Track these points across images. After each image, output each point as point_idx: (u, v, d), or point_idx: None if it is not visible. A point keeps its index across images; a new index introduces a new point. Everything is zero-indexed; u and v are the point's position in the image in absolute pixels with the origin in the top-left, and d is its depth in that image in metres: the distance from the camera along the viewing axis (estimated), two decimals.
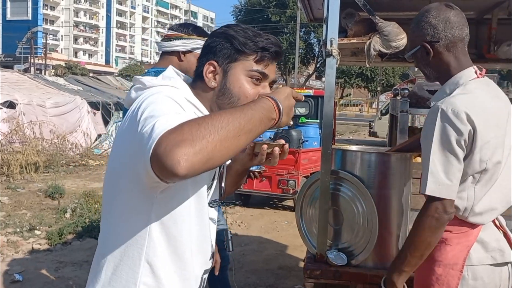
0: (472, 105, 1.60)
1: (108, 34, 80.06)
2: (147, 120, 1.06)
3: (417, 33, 1.75)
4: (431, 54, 1.71)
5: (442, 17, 1.69)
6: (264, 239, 6.04)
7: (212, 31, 1.36)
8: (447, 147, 1.60)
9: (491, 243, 1.71)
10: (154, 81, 1.25)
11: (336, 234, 2.38)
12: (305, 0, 3.08)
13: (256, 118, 1.08)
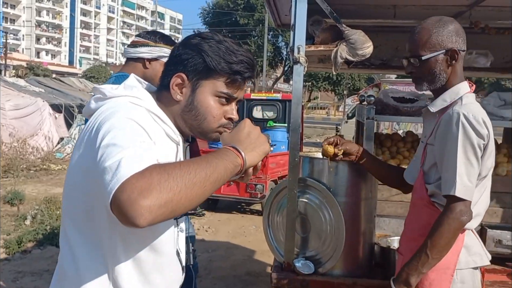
0: (484, 113, 1.72)
1: (72, 34, 78.17)
2: (109, 149, 0.99)
3: (443, 38, 1.78)
4: (456, 60, 1.79)
5: (462, 30, 1.83)
6: (232, 245, 6.00)
7: (185, 38, 1.29)
8: (470, 150, 1.68)
9: (474, 247, 1.80)
10: (115, 91, 1.20)
11: (304, 242, 2.37)
12: (273, 6, 3.07)
13: (221, 167, 1.06)
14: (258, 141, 1.21)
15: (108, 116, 1.09)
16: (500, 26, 3.20)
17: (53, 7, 75.80)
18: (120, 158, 0.96)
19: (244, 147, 1.16)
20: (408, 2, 2.86)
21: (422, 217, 1.87)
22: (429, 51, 1.80)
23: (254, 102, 9.68)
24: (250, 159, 1.16)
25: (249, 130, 1.21)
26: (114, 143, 1.00)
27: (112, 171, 0.94)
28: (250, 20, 36.48)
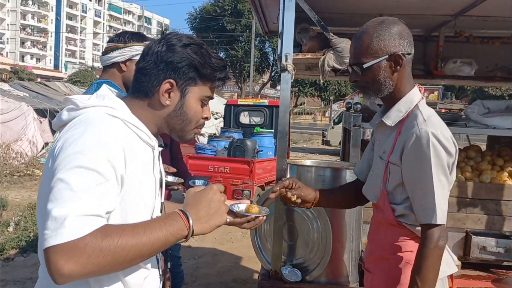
0: (446, 127, 1.62)
1: (57, 38, 77.42)
2: (61, 185, 1.03)
3: (386, 43, 1.64)
4: (400, 66, 1.65)
5: (408, 31, 1.67)
6: (218, 251, 5.97)
7: (165, 41, 1.26)
8: (441, 172, 1.58)
9: (446, 258, 1.73)
10: (88, 102, 1.20)
11: (291, 249, 2.37)
12: (260, 14, 3.08)
13: (161, 241, 1.12)
14: (216, 213, 1.24)
15: (77, 134, 1.10)
16: (484, 36, 3.26)
17: (39, 10, 75.05)
18: (66, 214, 1.00)
19: (198, 217, 1.20)
20: (394, 11, 2.88)
21: (389, 236, 1.76)
22: (371, 57, 1.65)
23: (241, 107, 9.69)
24: (199, 230, 1.20)
25: (212, 198, 1.24)
26: (68, 182, 1.03)
27: (55, 223, 1.00)
28: (237, 25, 36.55)
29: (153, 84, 1.24)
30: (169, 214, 1.19)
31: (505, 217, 2.86)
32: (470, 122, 2.94)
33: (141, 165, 1.19)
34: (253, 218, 1.37)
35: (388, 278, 1.76)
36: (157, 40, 1.28)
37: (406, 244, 1.73)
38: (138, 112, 1.24)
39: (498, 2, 2.39)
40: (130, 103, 1.25)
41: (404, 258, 1.72)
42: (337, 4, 2.75)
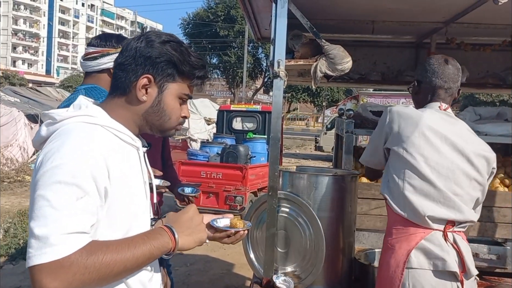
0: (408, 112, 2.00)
1: (49, 43, 77.09)
2: (41, 203, 1.02)
3: (417, 71, 2.16)
4: (416, 90, 2.12)
5: (434, 67, 2.04)
6: (210, 258, 5.93)
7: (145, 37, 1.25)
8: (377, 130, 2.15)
9: (434, 250, 1.83)
10: (65, 114, 1.19)
11: (283, 257, 2.35)
12: (253, 20, 3.07)
13: (146, 255, 1.12)
14: (197, 228, 1.26)
15: (55, 147, 1.09)
16: (475, 43, 3.27)
17: (31, 15, 74.72)
18: (49, 233, 0.99)
19: (181, 230, 1.21)
20: (386, 18, 2.90)
21: (387, 219, 2.05)
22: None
23: (233, 113, 9.68)
24: (184, 243, 1.21)
25: (193, 215, 1.27)
26: (48, 198, 1.02)
27: (38, 242, 1.00)
28: (230, 31, 36.61)
29: (131, 79, 1.23)
30: (153, 229, 1.21)
31: (497, 224, 2.86)
32: None
33: (128, 167, 1.19)
34: (233, 233, 1.38)
35: (380, 261, 2.04)
36: (136, 37, 1.27)
37: (392, 228, 1.94)
38: (116, 112, 1.24)
39: (489, 10, 2.40)
40: (108, 105, 1.25)
41: (388, 242, 1.94)
42: (329, 11, 2.75)
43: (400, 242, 1.86)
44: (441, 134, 1.90)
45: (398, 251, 1.85)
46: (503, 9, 2.29)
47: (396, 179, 1.90)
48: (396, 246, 1.87)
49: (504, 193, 2.88)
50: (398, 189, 1.88)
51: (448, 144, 1.89)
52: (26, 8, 73.78)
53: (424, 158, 1.86)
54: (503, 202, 2.85)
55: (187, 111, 1.34)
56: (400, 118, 1.94)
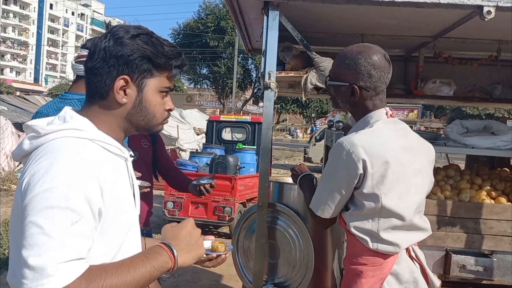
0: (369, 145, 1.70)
1: (38, 51, 76.65)
2: (34, 230, 0.96)
3: (351, 71, 1.77)
4: (356, 97, 1.77)
5: (379, 67, 1.75)
6: (199, 269, 5.88)
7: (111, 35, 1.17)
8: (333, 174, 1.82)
9: (405, 275, 1.77)
10: (50, 127, 1.11)
11: (272, 268, 2.35)
12: (244, 31, 3.10)
13: (146, 277, 1.09)
14: (196, 244, 1.23)
15: (44, 168, 1.02)
16: (462, 57, 3.34)
17: (20, 23, 74.33)
18: (45, 263, 0.94)
19: (180, 248, 1.18)
20: (375, 32, 2.94)
21: (349, 245, 1.87)
22: (334, 76, 1.88)
23: (223, 124, 9.68)
24: (183, 261, 1.18)
25: (191, 230, 1.24)
26: (40, 225, 0.96)
27: (34, 273, 0.94)
28: (221, 42, 36.76)
29: (106, 83, 1.15)
30: (151, 248, 1.16)
31: (484, 236, 2.89)
32: (449, 141, 2.99)
33: (118, 180, 1.14)
34: (214, 257, 1.34)
35: (343, 286, 1.86)
36: (102, 36, 1.19)
37: (360, 257, 1.78)
38: (100, 119, 1.17)
39: (475, 26, 2.46)
40: (90, 114, 1.18)
41: (356, 270, 1.79)
42: (320, 24, 2.79)
43: (373, 270, 1.76)
44: (404, 160, 1.75)
45: (371, 279, 1.75)
46: (489, 25, 2.35)
47: (369, 220, 1.74)
48: (369, 274, 1.75)
49: (490, 205, 2.91)
50: (370, 229, 1.74)
51: (412, 167, 1.77)
52: (15, 16, 73.40)
53: (397, 195, 1.72)
54: (489, 214, 2.89)
55: (171, 103, 1.26)
56: (368, 155, 1.68)
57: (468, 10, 2.24)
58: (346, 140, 1.73)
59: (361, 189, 1.70)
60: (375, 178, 1.68)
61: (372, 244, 1.74)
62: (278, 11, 2.30)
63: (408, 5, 2.20)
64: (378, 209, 1.70)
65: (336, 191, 1.75)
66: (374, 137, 1.72)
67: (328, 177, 1.79)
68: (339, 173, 1.73)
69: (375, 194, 1.69)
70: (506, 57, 3.16)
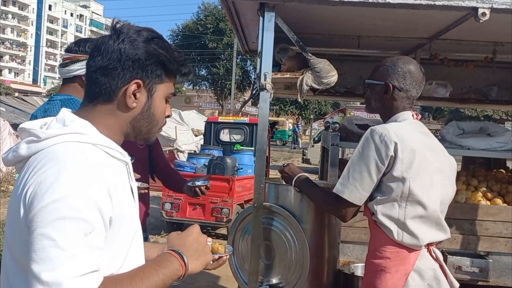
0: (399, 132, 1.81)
1: (37, 52, 76.61)
2: (42, 242, 0.92)
3: (390, 72, 1.93)
4: (388, 95, 1.92)
5: (416, 76, 1.92)
6: None
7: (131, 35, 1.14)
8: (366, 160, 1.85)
9: (427, 271, 1.81)
10: (49, 132, 1.06)
11: (268, 269, 2.35)
12: (241, 33, 3.11)
13: (159, 286, 1.08)
14: (203, 250, 1.23)
15: (51, 177, 0.97)
16: (458, 59, 3.34)
17: (18, 24, 74.28)
18: (60, 278, 0.90)
19: (189, 254, 1.18)
20: (372, 34, 2.95)
21: (373, 239, 1.94)
22: (373, 77, 2.01)
23: (221, 125, 9.69)
24: (193, 268, 1.18)
25: (197, 237, 1.24)
26: (52, 237, 0.92)
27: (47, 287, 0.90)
28: (219, 43, 36.77)
29: (118, 85, 1.12)
30: (161, 256, 1.15)
31: (479, 237, 2.90)
32: (445, 142, 3.00)
33: (121, 184, 1.11)
34: (216, 259, 1.33)
35: (367, 283, 1.89)
36: (114, 35, 1.14)
37: (384, 250, 1.82)
38: (103, 122, 1.13)
39: (471, 27, 2.46)
40: (91, 115, 1.13)
41: (380, 265, 1.82)
42: (315, 26, 2.80)
43: (396, 265, 1.79)
44: (428, 156, 1.84)
45: (395, 275, 1.77)
46: (484, 26, 2.36)
47: (396, 206, 1.79)
48: (393, 270, 1.78)
49: (486, 207, 2.93)
50: (397, 217, 1.78)
51: (434, 165, 1.85)
52: (14, 17, 73.35)
53: (423, 184, 1.79)
54: (485, 215, 2.90)
55: (170, 110, 1.25)
56: (399, 140, 1.76)
57: (463, 12, 2.25)
58: (378, 127, 1.83)
59: (391, 172, 1.77)
60: (405, 163, 1.76)
61: (398, 234, 1.78)
62: (274, 12, 2.31)
63: (403, 6, 2.21)
64: (406, 194, 1.77)
65: (366, 174, 1.79)
66: (403, 129, 1.84)
67: (358, 160, 1.82)
68: (370, 155, 1.78)
69: (404, 178, 1.76)
70: (502, 59, 3.17)
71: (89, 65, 1.16)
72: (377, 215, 1.82)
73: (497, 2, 2.13)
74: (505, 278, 2.86)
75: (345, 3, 2.23)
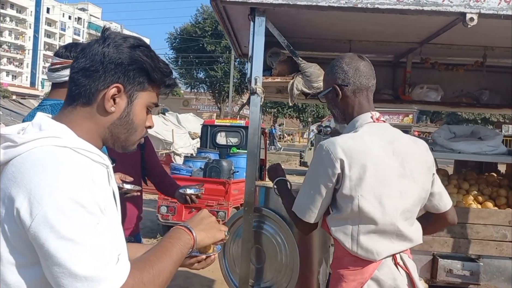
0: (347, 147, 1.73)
1: (34, 55, 76.61)
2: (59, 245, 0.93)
3: (330, 76, 1.88)
4: (340, 96, 1.84)
5: (353, 65, 1.83)
6: (191, 274, 5.87)
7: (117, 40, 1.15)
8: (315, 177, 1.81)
9: (386, 281, 1.76)
10: (26, 136, 1.04)
11: (258, 272, 2.36)
12: (233, 37, 3.12)
13: (179, 256, 1.15)
14: (209, 225, 1.28)
15: (44, 181, 0.97)
16: (449, 63, 3.37)
17: (16, 27, 74.31)
18: (93, 268, 0.94)
19: (195, 225, 1.23)
20: (363, 38, 2.97)
21: (335, 249, 1.89)
22: (324, 89, 1.95)
23: (218, 128, 9.69)
24: (201, 238, 1.22)
25: (204, 216, 1.29)
26: (68, 237, 0.94)
27: (88, 282, 0.93)
28: (217, 46, 36.83)
29: (98, 88, 1.11)
30: (170, 233, 1.21)
31: (470, 240, 2.91)
32: (436, 146, 3.01)
33: (103, 187, 1.10)
34: (203, 258, 1.34)
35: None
36: (100, 40, 1.15)
37: (343, 259, 1.80)
38: (80, 126, 1.13)
39: (460, 32, 2.48)
40: (69, 118, 1.13)
41: (338, 273, 1.80)
42: (307, 30, 2.82)
43: (354, 274, 1.76)
44: (386, 164, 1.76)
45: (351, 283, 1.76)
46: (474, 31, 2.38)
47: (349, 223, 1.75)
48: (349, 278, 1.77)
49: (477, 210, 2.94)
50: (350, 233, 1.75)
51: (397, 171, 1.77)
52: (12, 20, 73.38)
53: (377, 199, 1.72)
54: (476, 219, 2.91)
55: (152, 121, 1.24)
56: (346, 156, 1.70)
57: (451, 17, 2.27)
58: (326, 141, 1.78)
59: (340, 190, 1.71)
60: (353, 180, 1.70)
61: (352, 247, 1.74)
62: (264, 17, 2.32)
63: (392, 11, 2.22)
64: (356, 212, 1.71)
65: (317, 193, 1.76)
66: (355, 140, 1.74)
67: (309, 179, 1.81)
68: (318, 173, 1.75)
69: (352, 196, 1.70)
70: (493, 63, 3.19)
71: (72, 67, 1.16)
72: (331, 230, 1.79)
73: (485, 8, 2.15)
74: (495, 281, 2.87)
75: (335, 8, 2.24)
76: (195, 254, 1.33)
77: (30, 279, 1.00)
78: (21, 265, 1.00)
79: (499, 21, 2.24)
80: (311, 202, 1.78)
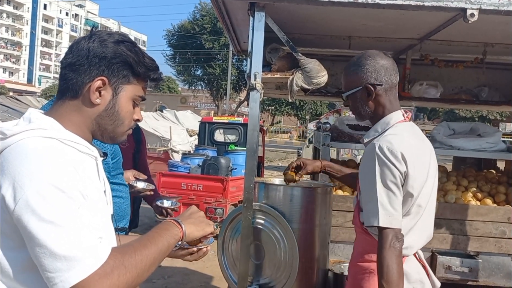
0: (403, 145, 1.72)
1: (31, 52, 76.30)
2: (41, 227, 0.98)
3: (360, 75, 1.83)
4: (373, 95, 1.82)
5: (383, 63, 1.83)
6: (189, 270, 5.87)
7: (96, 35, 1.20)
8: (389, 179, 1.70)
9: (413, 274, 1.81)
10: (15, 128, 1.10)
11: (257, 269, 2.35)
12: (232, 33, 3.11)
13: (165, 246, 1.18)
14: (198, 219, 1.32)
15: (27, 169, 1.02)
16: (449, 59, 3.36)
17: (13, 24, 73.97)
18: (74, 248, 0.98)
19: (184, 219, 1.28)
20: (362, 34, 2.96)
21: (360, 244, 1.92)
22: (348, 88, 1.89)
23: (216, 125, 9.67)
24: (190, 231, 1.26)
25: (193, 211, 1.34)
26: (48, 220, 0.99)
27: (68, 261, 0.98)
28: (215, 44, 36.74)
29: (84, 81, 1.17)
30: (158, 226, 1.24)
31: (469, 237, 2.91)
32: (435, 143, 3.01)
33: (88, 179, 1.14)
34: (195, 251, 1.40)
35: (352, 285, 1.89)
36: (86, 36, 1.21)
37: (373, 254, 1.78)
38: (68, 118, 1.18)
39: (460, 28, 2.47)
40: (58, 112, 1.18)
41: (369, 267, 1.81)
42: (306, 26, 2.80)
43: None
44: (425, 161, 1.81)
45: None
46: (473, 27, 2.37)
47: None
48: None
49: (476, 207, 2.94)
50: None
51: (433, 170, 1.85)
52: (8, 16, 73.01)
53: (427, 196, 1.78)
54: (475, 215, 2.91)
55: (140, 114, 1.29)
56: (407, 155, 1.70)
57: (452, 12, 2.26)
58: (381, 142, 1.73)
59: (405, 187, 1.71)
60: (413, 177, 1.71)
61: None
62: (264, 12, 2.31)
63: (392, 7, 2.21)
64: (413, 210, 1.75)
65: (393, 194, 1.69)
66: (404, 139, 1.75)
67: (377, 184, 1.70)
68: (386, 175, 1.69)
69: (412, 194, 1.72)
70: (492, 60, 3.18)
71: (61, 63, 1.22)
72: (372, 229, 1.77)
73: (486, 3, 2.14)
74: (494, 278, 2.87)
75: (335, 3, 2.23)
76: (187, 247, 1.39)
77: (17, 261, 1.05)
78: (9, 248, 1.05)
79: (499, 17, 2.24)
80: (392, 204, 1.69)
